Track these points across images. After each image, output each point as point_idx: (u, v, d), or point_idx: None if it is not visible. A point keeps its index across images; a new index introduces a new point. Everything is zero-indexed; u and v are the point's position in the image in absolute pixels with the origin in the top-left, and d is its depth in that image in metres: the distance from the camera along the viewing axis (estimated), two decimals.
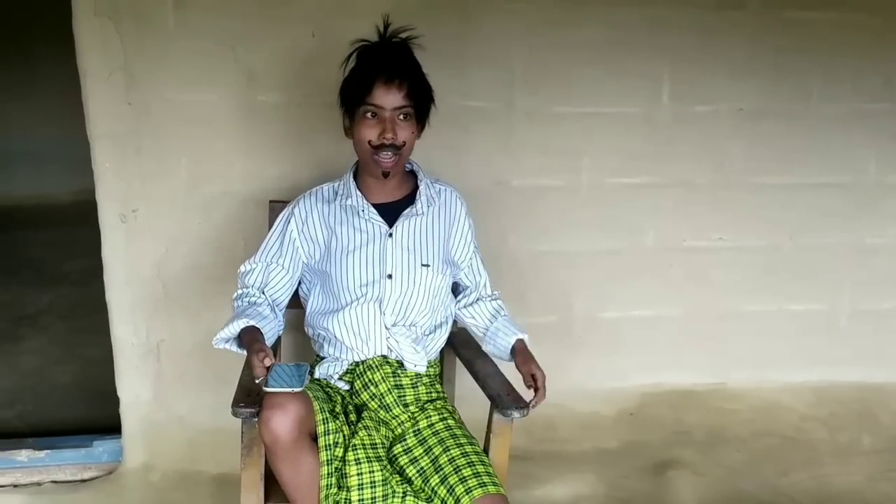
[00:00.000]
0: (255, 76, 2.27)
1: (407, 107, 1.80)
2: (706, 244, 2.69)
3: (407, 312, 1.91)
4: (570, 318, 2.68)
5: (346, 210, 1.92)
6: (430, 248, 1.93)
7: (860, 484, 2.69)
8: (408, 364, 1.91)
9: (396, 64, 1.79)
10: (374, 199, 1.92)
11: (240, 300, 1.94)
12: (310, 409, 1.68)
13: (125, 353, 2.44)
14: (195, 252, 2.38)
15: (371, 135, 1.79)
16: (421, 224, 1.93)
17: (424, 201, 1.93)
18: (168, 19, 2.18)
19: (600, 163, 2.54)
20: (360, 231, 1.90)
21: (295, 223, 1.94)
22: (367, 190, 1.92)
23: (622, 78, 2.47)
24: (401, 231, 1.91)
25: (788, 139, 2.62)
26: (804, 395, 2.93)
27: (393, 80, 1.77)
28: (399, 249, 1.90)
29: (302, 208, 1.95)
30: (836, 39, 2.54)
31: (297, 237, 1.94)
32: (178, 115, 2.26)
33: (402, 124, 1.81)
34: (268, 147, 2.33)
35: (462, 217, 2.01)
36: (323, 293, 1.95)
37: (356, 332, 1.90)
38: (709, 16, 2.45)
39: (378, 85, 1.77)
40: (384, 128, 1.78)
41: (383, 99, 1.77)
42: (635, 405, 2.83)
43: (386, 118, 1.78)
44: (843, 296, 2.84)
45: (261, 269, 1.95)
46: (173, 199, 2.33)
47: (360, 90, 1.79)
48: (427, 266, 1.91)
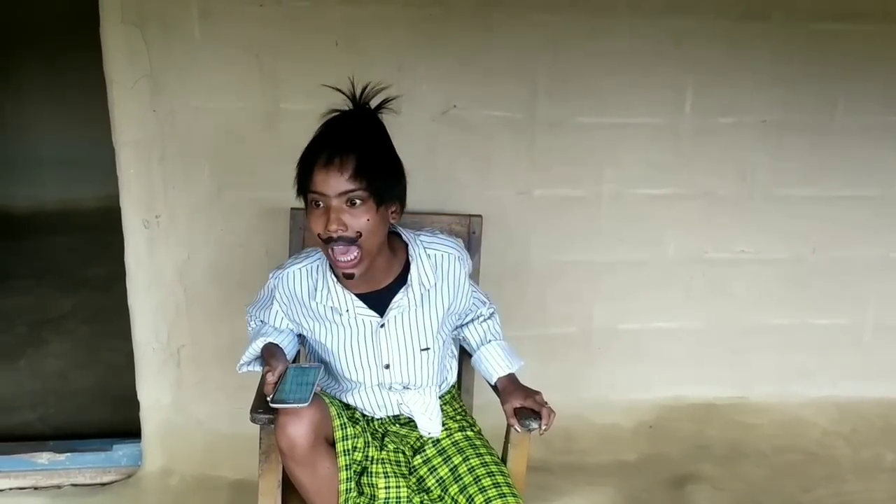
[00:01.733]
0: (278, 84, 2.29)
1: (355, 190, 1.52)
2: (729, 256, 2.67)
3: (414, 384, 1.82)
4: (591, 328, 2.67)
5: (329, 309, 1.73)
6: (430, 330, 1.76)
7: (883, 502, 2.65)
8: (422, 430, 1.83)
9: (339, 140, 1.55)
10: (359, 289, 1.71)
11: (252, 322, 1.90)
12: (326, 414, 1.67)
13: (146, 358, 2.45)
14: (217, 258, 2.40)
15: (318, 226, 1.55)
16: (416, 312, 1.74)
17: (417, 288, 1.72)
18: (194, 28, 2.20)
19: (623, 174, 2.53)
20: (349, 327, 1.74)
21: (278, 304, 1.80)
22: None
23: (645, 89, 2.46)
24: (394, 322, 1.74)
25: (813, 151, 2.60)
26: (827, 410, 2.90)
27: (332, 161, 1.52)
28: (394, 339, 1.74)
29: (283, 295, 1.78)
30: (862, 51, 2.52)
31: (283, 317, 1.82)
32: (203, 123, 2.28)
33: (353, 211, 1.53)
34: (291, 155, 2.30)
35: (462, 280, 1.80)
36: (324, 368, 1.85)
37: (365, 408, 1.84)
38: (733, 27, 2.44)
39: (317, 169, 1.53)
40: (328, 217, 1.53)
41: (323, 185, 1.52)
42: (655, 418, 2.81)
43: (332, 206, 1.53)
44: (868, 310, 2.81)
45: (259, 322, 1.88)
46: (196, 205, 2.35)
47: (301, 176, 1.59)
48: (427, 350, 1.77)
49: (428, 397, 1.83)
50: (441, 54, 2.33)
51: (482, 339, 1.92)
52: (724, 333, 2.76)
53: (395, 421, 1.86)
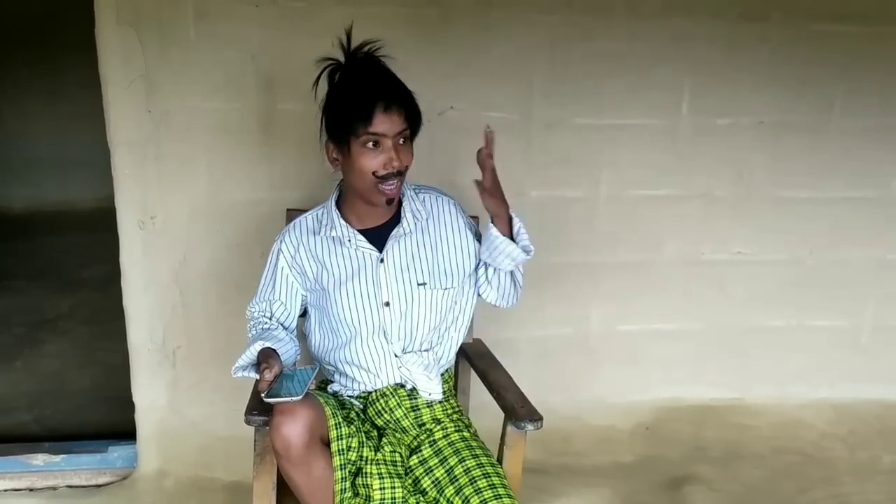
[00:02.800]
0: (274, 85, 2.28)
1: (406, 129, 1.71)
2: (726, 258, 2.66)
3: (413, 335, 1.86)
4: (588, 330, 2.67)
5: (333, 242, 1.84)
6: (425, 264, 1.85)
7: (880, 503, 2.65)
8: (422, 393, 1.87)
9: (391, 87, 1.69)
10: (361, 225, 1.84)
11: (251, 330, 1.91)
12: (321, 415, 1.67)
13: (141, 359, 2.45)
14: (213, 259, 2.39)
15: (375, 165, 1.68)
16: (411, 242, 1.84)
17: (410, 217, 1.84)
18: (189, 29, 2.19)
19: (620, 175, 2.53)
20: (351, 261, 1.83)
21: (284, 259, 1.88)
22: (352, 217, 1.84)
23: (642, 90, 2.46)
24: (392, 254, 1.83)
25: (810, 153, 2.59)
26: (824, 411, 2.89)
27: (392, 106, 1.66)
28: (393, 273, 1.82)
29: (289, 243, 1.89)
30: (860, 52, 2.51)
31: (288, 272, 1.88)
32: (198, 124, 2.27)
33: (404, 148, 1.72)
34: (286, 155, 2.33)
35: (457, 218, 1.90)
36: (321, 329, 1.91)
37: (365, 367, 1.86)
38: (731, 27, 2.44)
39: (378, 112, 1.65)
40: (390, 157, 1.68)
41: (385, 126, 1.66)
42: (652, 419, 2.80)
43: (389, 146, 1.68)
44: (866, 312, 2.81)
45: (264, 308, 1.91)
46: (192, 206, 2.34)
47: (356, 120, 1.66)
48: (423, 284, 1.83)
49: (428, 360, 1.87)
50: (438, 55, 2.32)
51: None
52: (721, 335, 2.75)
53: (394, 393, 1.86)
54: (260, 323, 1.91)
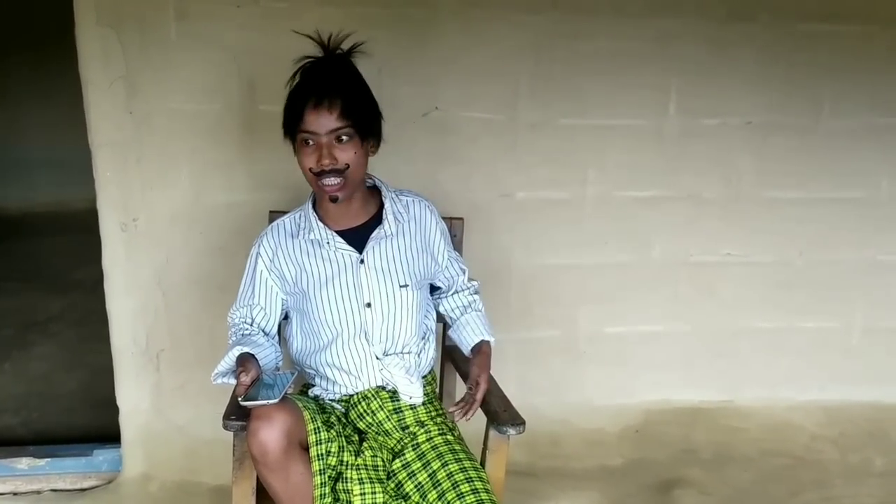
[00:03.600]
0: (256, 86, 2.26)
1: (343, 127, 1.67)
2: (715, 259, 2.64)
3: (395, 338, 1.85)
4: (575, 332, 2.65)
5: (311, 244, 1.84)
6: (406, 266, 1.85)
7: None
8: (403, 396, 1.86)
9: (325, 84, 1.68)
10: (339, 226, 1.83)
11: (231, 336, 1.90)
12: (299, 419, 1.65)
13: (125, 362, 2.43)
14: (196, 262, 2.37)
15: (310, 162, 1.70)
16: (392, 244, 1.85)
17: (392, 220, 1.84)
18: (170, 29, 2.18)
19: (607, 175, 2.51)
20: (330, 262, 1.82)
21: (262, 263, 1.87)
22: (329, 218, 1.83)
23: (629, 90, 2.44)
24: (372, 255, 1.82)
25: (799, 153, 2.58)
26: (815, 414, 2.88)
27: (322, 103, 1.66)
28: (374, 274, 1.82)
29: (267, 246, 1.88)
30: (847, 52, 2.50)
31: (268, 276, 1.87)
32: (180, 125, 2.26)
33: (341, 146, 1.69)
34: (270, 157, 2.30)
35: (433, 226, 1.92)
36: (302, 332, 1.90)
37: (346, 369, 1.85)
38: (718, 28, 2.42)
39: (308, 110, 1.67)
40: (320, 153, 1.68)
41: (315, 124, 1.67)
42: (641, 422, 2.78)
43: (322, 143, 1.68)
44: (856, 313, 2.79)
45: (245, 313, 1.90)
46: (174, 208, 2.32)
47: (292, 118, 1.71)
48: (405, 286, 1.83)
49: (409, 363, 1.86)
50: (422, 56, 2.30)
51: (467, 305, 2.00)
52: (710, 337, 2.73)
53: (376, 395, 1.84)
54: (240, 329, 1.89)
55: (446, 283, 2.02)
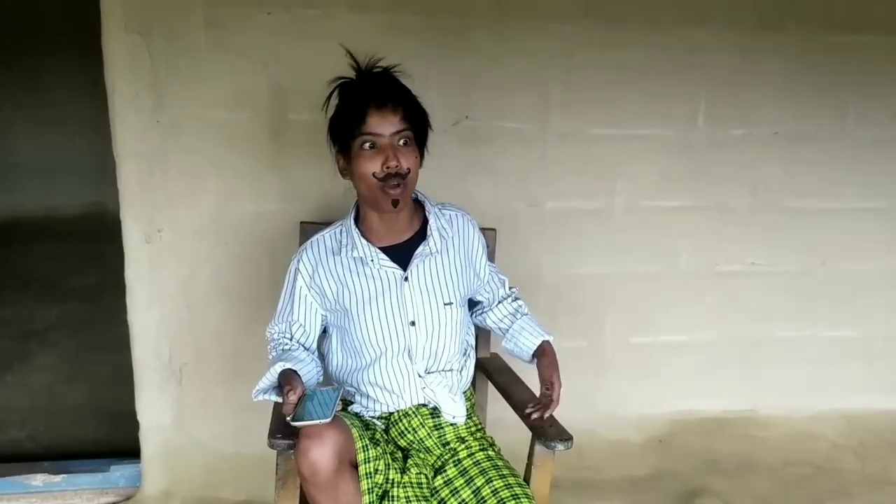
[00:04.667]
0: (286, 94, 2.22)
1: (405, 130, 1.67)
2: (740, 269, 2.64)
3: (438, 355, 1.82)
4: (601, 342, 2.63)
5: (354, 261, 1.79)
6: (451, 283, 1.81)
7: None
8: (446, 415, 1.83)
9: (385, 88, 1.67)
10: (383, 242, 1.78)
11: (272, 352, 1.86)
12: (348, 437, 1.62)
13: (147, 376, 2.37)
14: (222, 273, 2.33)
15: (374, 166, 1.65)
16: (437, 261, 1.81)
17: (437, 237, 1.80)
18: (199, 37, 2.13)
19: (635, 185, 2.50)
20: (374, 279, 1.78)
21: (302, 279, 1.82)
22: (372, 234, 1.78)
23: (659, 100, 2.43)
24: (417, 273, 1.78)
25: (824, 163, 2.58)
26: (836, 423, 2.88)
27: (386, 105, 1.65)
28: (418, 293, 1.78)
29: (307, 262, 1.82)
30: (874, 62, 2.51)
31: (307, 293, 1.82)
32: (208, 134, 2.21)
33: (404, 150, 1.67)
34: (299, 166, 2.28)
35: (476, 241, 1.89)
36: (343, 349, 1.86)
37: (389, 388, 1.81)
38: (747, 38, 2.42)
39: (371, 112, 1.64)
40: (387, 156, 1.64)
41: (379, 126, 1.64)
42: (665, 432, 2.77)
43: (386, 145, 1.65)
44: (878, 322, 2.80)
45: (284, 329, 1.86)
46: (200, 219, 2.27)
47: (351, 122, 1.65)
48: (450, 304, 1.80)
49: (451, 381, 1.83)
50: (453, 64, 2.28)
51: (514, 312, 1.98)
52: (734, 346, 2.73)
53: (416, 412, 1.82)
54: (280, 344, 1.86)
55: (487, 297, 1.99)
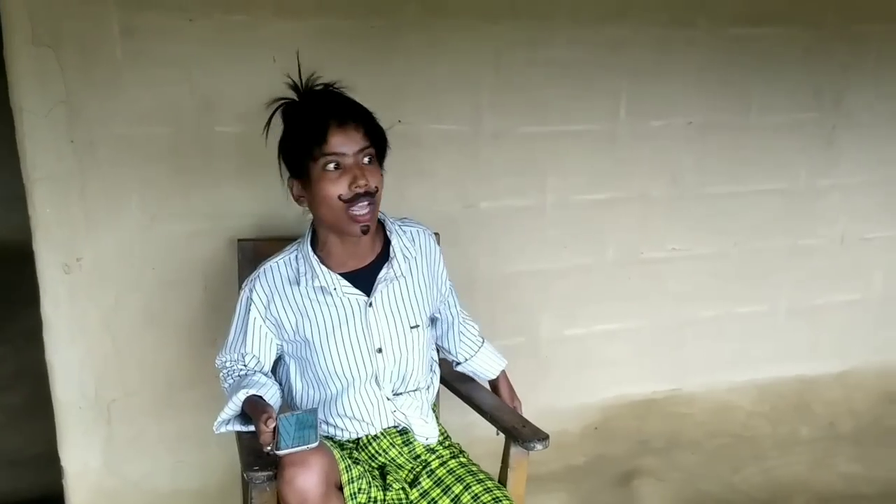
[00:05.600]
0: (212, 106, 2.08)
1: (368, 147, 1.58)
2: (662, 255, 2.74)
3: (406, 378, 1.77)
4: (538, 338, 2.66)
5: (315, 290, 1.68)
6: (416, 305, 1.75)
7: (802, 473, 2.84)
8: (419, 437, 1.79)
9: (344, 104, 1.59)
10: (344, 268, 1.69)
11: (227, 379, 1.75)
12: (332, 459, 1.57)
13: (71, 419, 2.17)
14: (150, 300, 2.16)
15: (339, 188, 1.55)
16: (401, 284, 1.74)
17: (401, 258, 1.72)
18: (115, 47, 1.96)
19: (565, 181, 2.53)
20: (336, 308, 1.69)
21: (256, 309, 1.71)
22: (332, 260, 1.68)
23: (583, 96, 2.47)
24: (381, 298, 1.71)
25: (733, 150, 2.71)
26: (749, 392, 3.05)
27: (347, 122, 1.55)
28: (384, 318, 1.71)
29: (261, 292, 1.70)
30: (772, 53, 2.65)
31: (262, 324, 1.71)
32: (129, 152, 2.04)
33: (370, 168, 1.59)
34: (230, 181, 2.15)
35: (438, 258, 1.84)
36: (303, 381, 1.76)
37: (359, 417, 1.75)
38: (663, 33, 2.49)
39: (333, 131, 1.54)
40: (354, 175, 1.55)
41: (343, 144, 1.55)
42: (600, 419, 2.84)
43: (351, 165, 1.56)
44: (782, 296, 2.98)
45: (236, 358, 1.75)
46: (123, 243, 2.10)
47: (310, 143, 1.55)
48: (416, 327, 1.74)
49: (420, 400, 1.79)
50: (383, 68, 2.21)
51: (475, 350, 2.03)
52: (660, 330, 2.83)
53: (385, 434, 1.77)
54: (234, 371, 1.75)
55: (446, 314, 1.96)
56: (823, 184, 2.87)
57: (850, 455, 2.94)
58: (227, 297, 2.18)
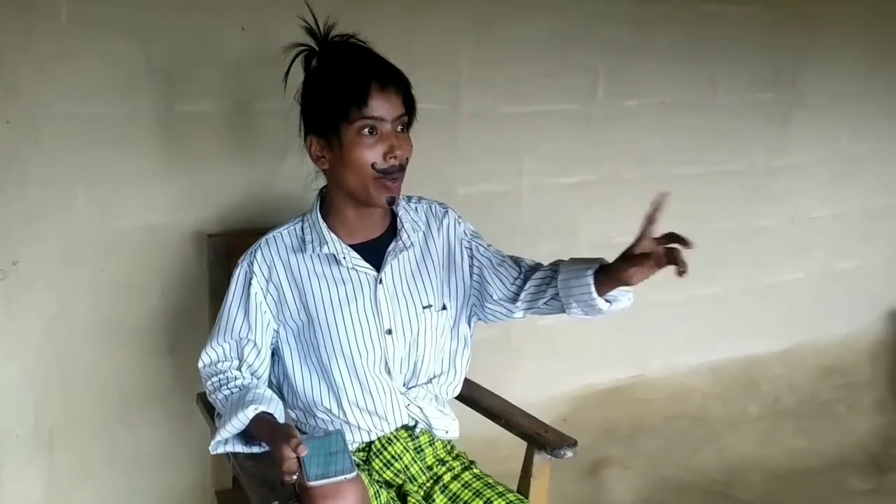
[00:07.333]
0: (173, 81, 1.81)
1: (404, 115, 1.45)
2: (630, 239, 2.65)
3: (416, 368, 1.59)
4: (510, 329, 2.53)
5: (321, 260, 1.53)
6: (429, 283, 1.59)
7: (753, 450, 2.90)
8: (437, 432, 1.63)
9: (384, 63, 1.45)
10: (353, 240, 1.54)
11: (223, 389, 1.51)
12: (364, 489, 1.38)
13: (7, 449, 1.85)
14: (100, 306, 1.87)
15: (374, 156, 1.41)
16: (411, 258, 1.58)
17: (409, 228, 1.57)
18: (59, 12, 1.65)
19: (540, 164, 2.41)
20: (343, 283, 1.53)
21: (258, 283, 1.52)
22: (344, 230, 1.54)
23: (561, 74, 2.35)
24: (391, 273, 1.55)
25: (699, 130, 2.67)
26: (704, 374, 3.07)
27: (388, 85, 1.42)
28: (394, 296, 1.55)
29: (262, 262, 1.53)
30: (736, 33, 2.62)
31: (262, 300, 1.53)
32: (76, 134, 1.74)
33: (403, 138, 1.46)
34: (193, 168, 1.88)
35: (452, 223, 1.64)
36: (305, 371, 1.56)
37: (372, 408, 1.56)
38: (639, 8, 2.41)
39: (374, 92, 1.39)
40: (391, 144, 1.41)
41: (383, 108, 1.40)
42: (568, 410, 2.76)
43: (389, 132, 1.42)
44: (736, 277, 2.99)
45: (229, 350, 1.54)
46: (68, 242, 1.80)
47: (348, 102, 1.39)
48: (429, 307, 1.57)
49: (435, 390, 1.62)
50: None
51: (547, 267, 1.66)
52: (625, 316, 2.73)
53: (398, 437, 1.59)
54: (231, 379, 1.52)
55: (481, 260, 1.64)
56: (778, 164, 2.89)
57: (794, 429, 3.02)
58: (189, 299, 1.94)
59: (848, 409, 3.20)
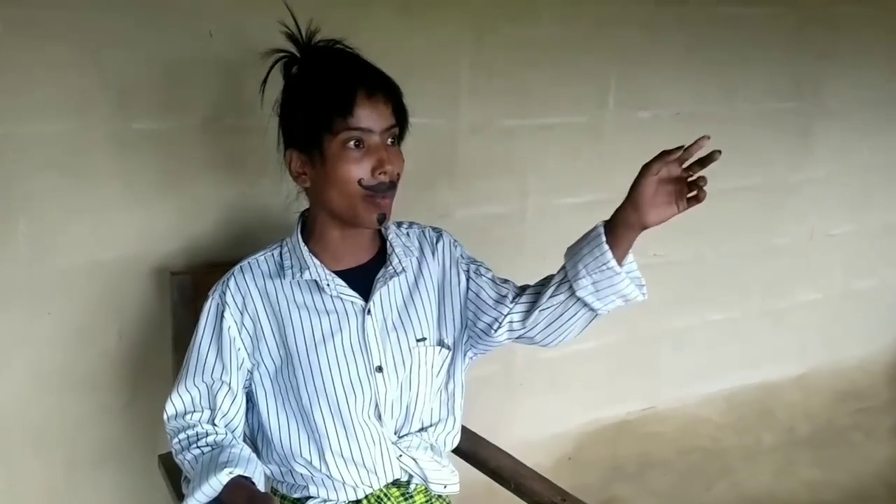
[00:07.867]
0: (128, 95, 1.57)
1: (394, 127, 1.31)
2: (643, 262, 2.42)
3: (409, 411, 1.40)
4: (513, 363, 2.32)
5: (301, 288, 1.36)
6: (423, 312, 1.42)
7: (769, 483, 2.73)
8: (434, 486, 1.44)
9: (372, 70, 1.31)
10: (338, 266, 1.38)
11: (192, 448, 1.30)
12: None
13: None
14: (43, 355, 1.63)
15: (361, 171, 1.27)
16: (404, 285, 1.41)
17: (401, 252, 1.41)
18: None
19: (546, 183, 2.19)
20: (327, 313, 1.35)
21: (231, 315, 1.34)
22: (327, 255, 1.38)
23: (569, 83, 2.13)
24: (380, 302, 1.38)
25: (715, 144, 2.44)
26: (717, 404, 2.90)
27: (377, 94, 1.27)
28: (383, 328, 1.37)
29: (236, 291, 1.35)
30: (755, 36, 2.42)
31: (237, 335, 1.35)
32: (14, 158, 1.50)
33: (393, 151, 1.32)
34: (150, 195, 1.64)
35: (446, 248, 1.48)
36: (283, 414, 1.37)
37: (359, 461, 1.36)
38: (652, 12, 2.19)
39: (360, 101, 1.25)
40: (380, 158, 1.27)
41: (370, 119, 1.26)
42: (573, 448, 2.58)
43: (377, 145, 1.28)
44: (752, 300, 2.80)
45: (199, 398, 1.33)
46: (7, 284, 1.55)
47: (332, 112, 1.24)
48: (423, 340, 1.40)
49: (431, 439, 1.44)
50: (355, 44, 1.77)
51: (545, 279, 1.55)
52: (636, 344, 2.57)
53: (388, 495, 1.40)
54: (202, 435, 1.32)
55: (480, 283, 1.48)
56: (798, 178, 2.70)
57: (811, 460, 2.84)
58: (149, 345, 1.71)
59: (865, 436, 3.05)
